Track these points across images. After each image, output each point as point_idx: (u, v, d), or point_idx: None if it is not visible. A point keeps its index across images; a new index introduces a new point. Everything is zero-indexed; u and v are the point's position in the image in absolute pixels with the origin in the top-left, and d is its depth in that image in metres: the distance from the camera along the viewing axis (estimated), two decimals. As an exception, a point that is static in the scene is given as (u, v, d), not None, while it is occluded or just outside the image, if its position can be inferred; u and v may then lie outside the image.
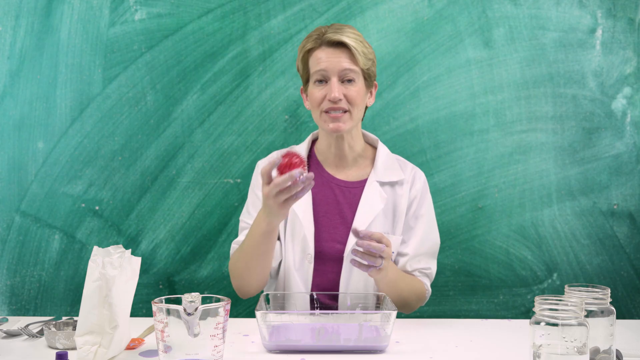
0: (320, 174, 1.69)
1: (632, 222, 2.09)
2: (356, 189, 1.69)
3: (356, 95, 1.60)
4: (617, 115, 2.08)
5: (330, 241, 1.65)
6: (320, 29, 1.63)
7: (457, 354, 1.34)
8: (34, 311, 2.07)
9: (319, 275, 1.65)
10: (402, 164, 1.74)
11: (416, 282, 1.67)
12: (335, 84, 1.59)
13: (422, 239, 1.68)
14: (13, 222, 2.06)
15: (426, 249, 1.69)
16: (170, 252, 2.09)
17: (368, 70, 1.63)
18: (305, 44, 1.64)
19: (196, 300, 1.14)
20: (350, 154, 1.70)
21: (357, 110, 1.62)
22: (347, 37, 1.59)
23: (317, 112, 1.63)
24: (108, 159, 2.07)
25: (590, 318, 1.18)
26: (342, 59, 1.59)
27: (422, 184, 1.72)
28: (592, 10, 2.07)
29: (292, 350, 1.31)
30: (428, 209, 1.72)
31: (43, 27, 2.04)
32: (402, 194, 1.68)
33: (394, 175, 1.69)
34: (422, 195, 1.71)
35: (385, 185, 1.68)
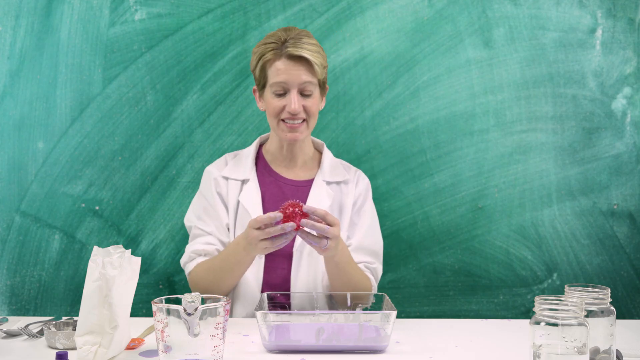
0: (268, 173, 1.75)
1: (632, 222, 2.09)
2: (304, 187, 1.73)
3: (313, 106, 1.66)
4: (617, 115, 2.08)
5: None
6: (278, 36, 1.65)
7: (457, 354, 1.34)
8: (34, 311, 2.07)
9: (269, 271, 1.68)
10: (346, 167, 1.80)
11: (363, 274, 1.67)
12: (295, 96, 1.63)
13: (365, 233, 1.72)
14: (13, 222, 2.06)
15: (369, 244, 1.71)
16: (170, 252, 2.09)
17: (323, 79, 1.70)
18: (264, 52, 1.66)
19: (196, 300, 1.14)
20: (301, 157, 1.75)
21: (313, 120, 1.69)
22: (307, 52, 1.62)
23: (274, 121, 1.68)
24: (108, 159, 2.07)
25: (590, 318, 1.18)
26: (302, 72, 1.63)
27: (366, 185, 1.78)
28: (592, 10, 2.07)
29: (292, 350, 1.31)
30: (370, 207, 1.76)
31: (43, 27, 2.04)
32: (348, 193, 1.74)
33: (339, 176, 1.75)
34: (365, 194, 1.76)
35: (331, 184, 1.74)
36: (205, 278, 1.64)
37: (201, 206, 1.73)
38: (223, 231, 1.70)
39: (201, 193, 1.75)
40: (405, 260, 2.08)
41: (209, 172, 1.76)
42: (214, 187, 1.72)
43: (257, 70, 1.69)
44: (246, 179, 1.72)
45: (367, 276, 1.68)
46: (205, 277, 1.64)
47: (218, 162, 1.79)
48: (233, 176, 1.73)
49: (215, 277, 1.62)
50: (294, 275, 1.67)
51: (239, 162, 1.76)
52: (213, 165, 1.78)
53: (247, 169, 1.74)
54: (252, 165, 1.75)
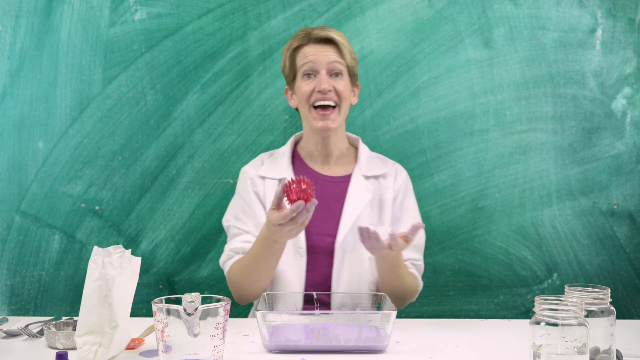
0: (305, 170, 1.73)
1: (632, 222, 2.09)
2: (342, 183, 1.72)
3: (344, 88, 1.67)
4: (617, 115, 2.08)
5: (320, 234, 1.67)
6: (306, 29, 1.71)
7: (457, 354, 1.34)
8: (34, 311, 2.07)
9: (311, 269, 1.67)
10: (383, 160, 1.79)
11: (412, 276, 1.68)
12: (325, 75, 1.66)
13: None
14: (13, 222, 2.06)
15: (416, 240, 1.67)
16: (170, 252, 2.09)
17: (353, 69, 1.71)
18: (292, 42, 1.71)
19: (196, 300, 1.14)
20: (336, 151, 1.74)
21: (345, 105, 1.68)
22: (334, 34, 1.68)
23: (305, 107, 1.68)
24: (108, 159, 2.07)
25: (590, 318, 1.18)
26: (330, 53, 1.67)
27: (405, 178, 1.77)
28: (592, 10, 2.07)
29: (292, 350, 1.31)
30: (413, 202, 1.76)
31: (43, 27, 2.04)
32: (387, 187, 1.73)
33: (377, 170, 1.74)
34: (406, 188, 1.76)
35: (369, 178, 1.73)
36: (240, 275, 1.63)
37: (238, 206, 1.73)
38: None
39: (238, 193, 1.75)
40: (405, 260, 2.08)
41: (245, 172, 1.76)
42: (251, 186, 1.72)
43: (286, 63, 1.71)
44: (283, 177, 1.71)
45: (414, 274, 1.68)
46: (239, 274, 1.63)
47: (254, 162, 1.79)
48: (270, 175, 1.73)
49: (248, 274, 1.60)
50: (336, 273, 1.65)
51: (275, 161, 1.75)
52: (249, 165, 1.78)
53: (283, 167, 1.73)
54: (289, 163, 1.74)
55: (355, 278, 1.65)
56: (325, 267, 1.66)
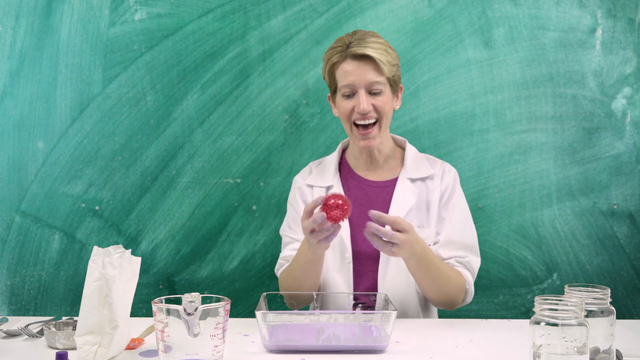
0: (352, 177, 1.74)
1: (632, 222, 2.09)
2: (388, 187, 1.72)
3: (384, 105, 1.64)
4: (617, 115, 2.08)
5: (366, 240, 1.65)
6: (343, 40, 1.65)
7: (457, 354, 1.34)
8: (34, 311, 2.07)
9: (359, 275, 1.68)
10: (431, 161, 1.76)
11: (453, 270, 1.63)
12: (364, 96, 1.62)
13: (453, 227, 1.68)
14: (13, 222, 2.06)
15: (461, 238, 1.67)
16: (170, 252, 2.09)
17: (393, 77, 1.66)
18: (330, 56, 1.66)
19: (196, 300, 1.14)
20: (380, 156, 1.73)
21: (386, 119, 1.66)
22: (371, 49, 1.61)
23: (347, 125, 1.68)
24: (108, 159, 2.07)
25: (590, 318, 1.18)
26: (368, 72, 1.62)
27: (453, 177, 1.73)
28: (592, 10, 2.07)
29: (292, 350, 1.31)
30: (460, 200, 1.72)
31: (43, 27, 2.04)
32: (434, 188, 1.71)
33: (423, 172, 1.72)
34: (453, 187, 1.72)
35: (416, 181, 1.71)
36: (287, 282, 1.65)
37: (290, 216, 1.75)
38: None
39: (289, 203, 1.77)
40: (405, 260, 2.08)
41: (295, 182, 1.78)
42: (299, 196, 1.74)
43: (326, 75, 1.69)
44: (330, 185, 1.72)
45: (458, 271, 1.63)
46: (287, 281, 1.65)
47: (303, 171, 1.80)
48: (317, 184, 1.73)
49: (294, 280, 1.62)
50: (381, 278, 1.65)
51: (323, 170, 1.76)
52: (299, 175, 1.79)
53: (330, 176, 1.73)
54: (336, 171, 1.74)
55: (402, 282, 1.65)
56: (372, 272, 1.67)
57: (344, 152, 1.81)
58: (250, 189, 2.08)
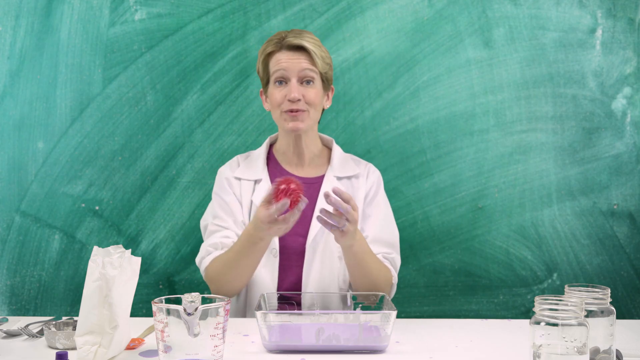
0: (279, 172, 1.75)
1: (632, 222, 2.09)
2: (315, 184, 1.73)
3: (314, 96, 1.67)
4: (617, 115, 2.08)
5: (292, 235, 1.68)
6: (280, 34, 1.70)
7: (457, 354, 1.34)
8: (34, 311, 2.07)
9: (284, 270, 1.69)
10: (356, 161, 1.80)
11: (383, 265, 1.67)
12: (295, 84, 1.66)
13: (380, 225, 1.72)
14: (13, 222, 2.06)
15: (386, 235, 1.71)
16: (170, 252, 2.09)
17: (326, 74, 1.70)
18: (265, 47, 1.70)
19: (196, 300, 1.14)
20: (308, 153, 1.76)
21: (315, 111, 1.69)
22: (306, 42, 1.67)
23: (277, 112, 1.70)
24: (108, 159, 2.07)
25: (590, 318, 1.18)
26: (302, 61, 1.66)
27: (377, 177, 1.78)
28: (592, 10, 2.07)
29: (292, 350, 1.31)
30: (383, 199, 1.76)
31: (43, 27, 2.04)
32: (359, 187, 1.74)
33: (349, 170, 1.76)
34: (377, 187, 1.76)
35: (342, 179, 1.74)
36: (220, 271, 1.63)
37: (217, 205, 1.73)
38: (240, 226, 1.70)
39: (215, 193, 1.76)
40: (405, 260, 2.08)
41: (221, 173, 1.77)
42: (228, 186, 1.74)
43: (261, 67, 1.72)
44: (258, 179, 1.73)
45: (387, 267, 1.68)
46: (220, 270, 1.63)
47: (230, 163, 1.80)
48: (245, 177, 1.74)
49: (229, 270, 1.61)
50: (305, 273, 1.67)
51: (251, 163, 1.77)
52: (225, 166, 1.79)
53: (259, 169, 1.75)
54: (264, 165, 1.76)
55: (325, 277, 1.68)
56: (297, 268, 1.69)
57: (272, 147, 1.82)
58: (250, 189, 2.07)
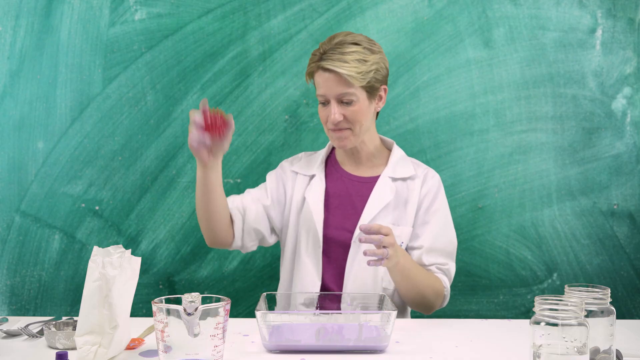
0: (336, 170, 1.78)
1: (632, 222, 2.09)
2: (369, 183, 1.74)
3: (355, 114, 1.66)
4: (617, 115, 2.08)
5: (339, 229, 1.71)
6: (320, 48, 1.66)
7: (457, 354, 1.34)
8: (34, 311, 2.07)
9: (328, 261, 1.71)
10: (415, 164, 1.79)
11: (433, 276, 1.68)
12: (334, 107, 1.65)
13: (437, 233, 1.71)
14: (13, 222, 2.06)
15: (442, 245, 1.71)
16: (170, 252, 2.09)
17: (369, 84, 1.65)
18: (309, 63, 1.69)
19: (196, 300, 1.14)
20: (365, 154, 1.76)
21: (359, 126, 1.68)
22: (339, 65, 1.61)
23: (325, 128, 1.72)
24: (108, 159, 2.07)
25: (590, 318, 1.18)
26: (338, 84, 1.63)
27: (436, 182, 1.76)
28: (592, 10, 2.07)
29: (292, 350, 1.31)
30: (442, 206, 1.75)
31: (43, 27, 2.04)
32: (414, 188, 1.73)
33: (406, 172, 1.75)
34: (436, 192, 1.74)
35: (397, 180, 1.74)
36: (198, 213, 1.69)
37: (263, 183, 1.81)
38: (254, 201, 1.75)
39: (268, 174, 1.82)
40: (405, 260, 2.08)
41: (281, 164, 1.83)
42: (280, 174, 1.79)
43: (309, 80, 1.73)
44: (313, 174, 1.77)
45: (438, 277, 1.68)
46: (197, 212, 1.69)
47: (294, 157, 1.85)
48: (302, 172, 1.78)
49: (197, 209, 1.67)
50: (349, 266, 1.68)
51: (311, 160, 1.81)
52: (288, 160, 1.84)
53: (315, 166, 1.78)
54: (322, 162, 1.79)
55: (369, 273, 1.68)
56: (341, 260, 1.70)
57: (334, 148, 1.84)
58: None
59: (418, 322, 1.63)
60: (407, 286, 1.62)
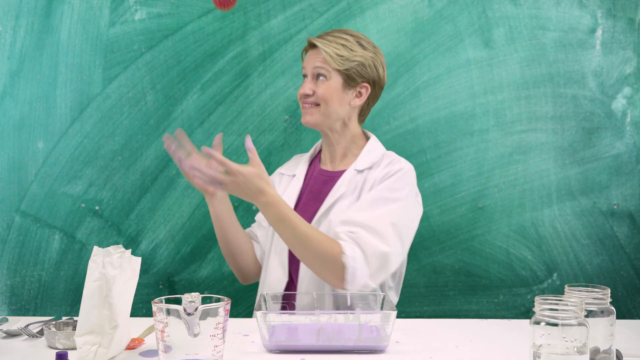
0: (314, 168, 1.80)
1: (632, 222, 2.09)
2: (336, 178, 1.73)
3: (324, 91, 1.68)
4: (617, 115, 2.08)
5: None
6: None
7: (457, 354, 1.34)
8: (34, 311, 2.07)
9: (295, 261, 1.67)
10: (386, 155, 1.72)
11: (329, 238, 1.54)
12: (308, 81, 1.71)
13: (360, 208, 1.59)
14: (13, 222, 2.06)
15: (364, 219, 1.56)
16: (170, 252, 2.09)
17: (347, 72, 1.67)
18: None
19: (196, 300, 1.14)
20: (339, 149, 1.76)
21: (325, 105, 1.68)
22: (321, 41, 1.68)
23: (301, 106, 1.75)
24: (108, 159, 2.07)
25: (590, 318, 1.18)
26: (316, 59, 1.70)
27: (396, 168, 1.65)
28: (592, 10, 2.07)
29: (292, 350, 1.31)
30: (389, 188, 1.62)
31: (43, 27, 2.04)
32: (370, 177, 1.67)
33: (371, 162, 1.70)
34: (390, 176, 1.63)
35: (362, 171, 1.70)
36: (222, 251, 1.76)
37: None
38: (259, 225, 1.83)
39: None
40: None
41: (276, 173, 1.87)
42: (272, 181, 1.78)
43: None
44: (293, 174, 1.80)
45: (335, 240, 1.54)
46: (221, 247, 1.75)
47: (288, 163, 1.89)
48: (287, 172, 1.82)
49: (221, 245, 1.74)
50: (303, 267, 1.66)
51: (298, 160, 1.85)
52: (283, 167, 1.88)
53: (299, 166, 1.81)
54: (305, 162, 1.81)
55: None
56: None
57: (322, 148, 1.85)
58: (250, 189, 2.07)
59: (418, 322, 1.63)
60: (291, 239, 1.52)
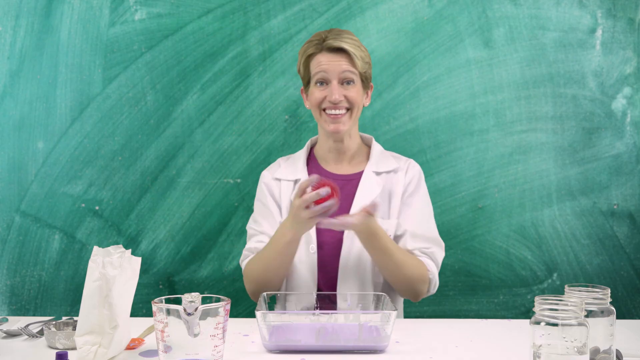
0: (319, 171, 1.76)
1: (632, 222, 2.09)
2: (353, 180, 1.74)
3: (355, 95, 1.68)
4: (617, 115, 2.08)
5: (331, 231, 1.69)
6: (320, 35, 1.70)
7: (457, 354, 1.34)
8: (34, 311, 2.07)
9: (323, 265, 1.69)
10: (396, 157, 1.79)
11: (415, 259, 1.66)
12: (336, 86, 1.67)
13: (419, 219, 1.71)
14: (13, 222, 2.06)
15: (423, 230, 1.70)
16: (170, 252, 2.09)
17: (365, 74, 1.71)
18: (306, 49, 1.71)
19: (196, 300, 1.14)
20: (348, 152, 1.76)
21: (356, 110, 1.70)
22: (346, 43, 1.67)
23: (317, 112, 1.71)
24: (108, 159, 2.07)
25: (590, 318, 1.18)
26: (342, 63, 1.67)
27: (417, 172, 1.76)
28: (592, 10, 2.07)
29: (292, 350, 1.31)
30: (423, 194, 1.75)
31: (43, 27, 2.04)
32: (398, 181, 1.73)
33: (388, 165, 1.75)
34: (418, 181, 1.75)
35: (381, 174, 1.74)
36: (257, 269, 1.65)
37: (256, 209, 1.77)
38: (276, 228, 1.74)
39: (256, 198, 1.79)
40: (405, 260, 2.08)
41: (261, 177, 1.80)
42: (267, 190, 1.76)
43: (302, 67, 1.73)
44: (298, 178, 1.75)
45: (420, 260, 1.66)
46: (256, 268, 1.65)
47: (272, 166, 1.82)
48: (285, 177, 1.76)
49: (265, 266, 1.64)
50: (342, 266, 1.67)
51: (292, 164, 1.79)
52: (267, 170, 1.81)
53: (298, 169, 1.77)
54: (304, 165, 1.78)
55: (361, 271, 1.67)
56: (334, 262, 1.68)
57: (312, 148, 1.83)
58: (250, 189, 2.07)
59: (418, 322, 1.63)
60: (388, 265, 1.61)
